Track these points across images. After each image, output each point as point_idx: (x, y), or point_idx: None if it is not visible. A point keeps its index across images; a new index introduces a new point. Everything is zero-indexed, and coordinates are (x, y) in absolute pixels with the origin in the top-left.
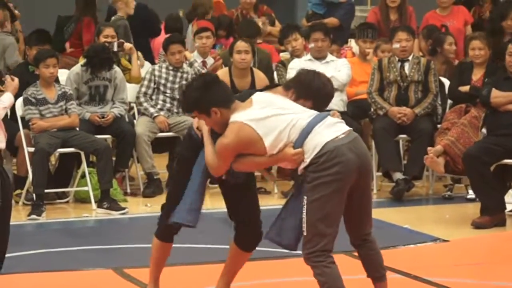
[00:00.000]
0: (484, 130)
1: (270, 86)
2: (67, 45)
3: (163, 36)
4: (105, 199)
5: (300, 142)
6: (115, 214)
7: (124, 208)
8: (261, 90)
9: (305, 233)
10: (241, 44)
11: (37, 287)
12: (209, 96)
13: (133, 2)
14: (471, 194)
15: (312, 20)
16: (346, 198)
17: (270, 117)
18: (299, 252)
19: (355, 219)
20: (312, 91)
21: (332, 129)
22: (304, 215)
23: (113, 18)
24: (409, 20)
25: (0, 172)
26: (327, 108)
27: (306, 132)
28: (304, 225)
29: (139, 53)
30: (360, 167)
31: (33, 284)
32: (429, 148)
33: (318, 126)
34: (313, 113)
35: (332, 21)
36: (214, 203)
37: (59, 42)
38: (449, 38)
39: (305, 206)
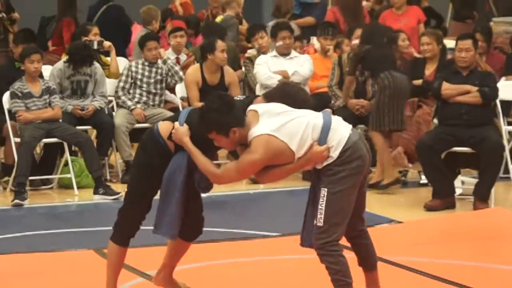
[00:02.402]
0: (435, 120)
1: (250, 97)
2: (50, 43)
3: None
4: (100, 186)
5: (323, 139)
6: (109, 199)
7: (119, 193)
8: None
9: (321, 224)
10: (222, 44)
11: (21, 267)
12: (230, 117)
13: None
14: (423, 179)
15: (290, 20)
16: None
17: (287, 123)
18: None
19: (355, 211)
20: (298, 103)
21: (343, 125)
22: (322, 206)
23: (223, 17)
24: (364, 19)
25: None
26: None
27: (326, 130)
28: (321, 216)
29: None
30: (368, 162)
31: (17, 265)
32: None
33: (333, 123)
34: (317, 113)
35: (309, 20)
36: None
37: (42, 41)
38: (401, 35)
39: (325, 198)
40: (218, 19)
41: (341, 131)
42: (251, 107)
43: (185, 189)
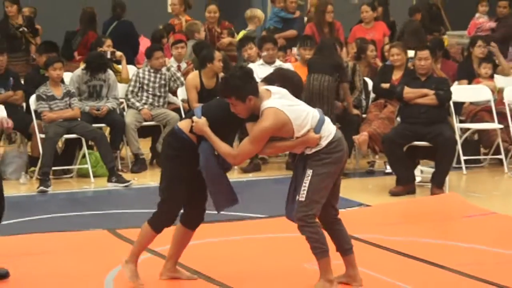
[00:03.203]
0: (398, 119)
1: None
2: (76, 53)
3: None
4: (113, 175)
5: (319, 128)
6: (121, 186)
7: (129, 181)
8: None
9: (303, 198)
10: (219, 54)
11: (45, 245)
12: (249, 86)
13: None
14: (388, 169)
15: (274, 34)
16: None
17: (293, 106)
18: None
19: (330, 200)
20: (294, 84)
21: (331, 123)
22: (306, 184)
23: (246, 31)
24: (337, 33)
25: None
26: None
27: (321, 122)
28: (304, 192)
29: None
30: (346, 156)
31: (42, 243)
32: (356, 136)
33: (326, 119)
34: (314, 109)
35: (292, 33)
36: None
37: (68, 51)
38: (370, 46)
39: (309, 177)
40: (242, 33)
41: (331, 126)
42: (264, 86)
43: (222, 170)
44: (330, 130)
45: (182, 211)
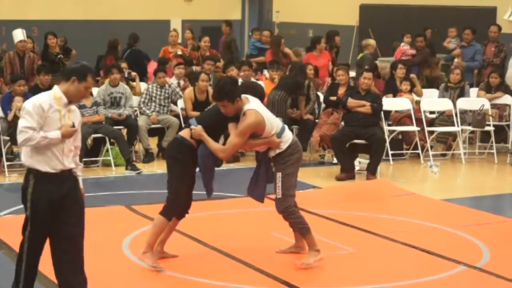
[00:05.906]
0: (342, 123)
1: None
2: (101, 72)
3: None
4: (129, 165)
5: (280, 134)
6: (134, 173)
7: (140, 169)
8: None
9: (280, 196)
10: (204, 76)
11: None
12: (237, 90)
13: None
14: (335, 160)
15: (250, 58)
16: None
17: (266, 111)
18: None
19: None
20: (258, 92)
21: (289, 130)
22: (279, 184)
23: (363, 54)
24: (290, 59)
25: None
26: None
27: (283, 130)
28: (279, 190)
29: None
30: (302, 155)
31: None
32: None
33: (285, 127)
34: (277, 118)
35: (262, 58)
36: None
37: (98, 71)
38: (308, 66)
39: (280, 179)
40: (360, 55)
41: (290, 133)
42: (243, 95)
43: (213, 166)
44: (289, 136)
45: None
